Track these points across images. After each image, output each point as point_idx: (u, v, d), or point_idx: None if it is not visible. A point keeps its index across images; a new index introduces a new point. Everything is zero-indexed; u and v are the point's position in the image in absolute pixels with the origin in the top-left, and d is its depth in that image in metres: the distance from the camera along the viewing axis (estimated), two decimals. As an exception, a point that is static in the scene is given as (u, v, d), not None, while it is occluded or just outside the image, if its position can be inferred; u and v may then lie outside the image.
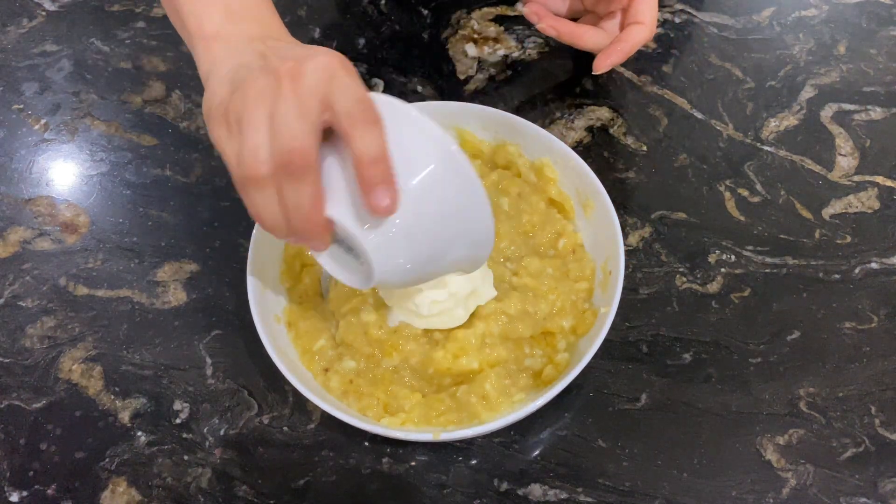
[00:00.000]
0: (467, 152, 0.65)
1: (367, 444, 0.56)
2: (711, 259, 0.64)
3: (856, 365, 0.59)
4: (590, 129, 0.71)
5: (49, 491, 0.55)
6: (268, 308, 0.56)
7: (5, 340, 0.62)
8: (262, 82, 0.41)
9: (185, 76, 0.76)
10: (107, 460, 0.56)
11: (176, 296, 0.63)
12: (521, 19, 0.79)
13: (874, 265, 0.63)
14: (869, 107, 0.72)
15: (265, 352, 0.53)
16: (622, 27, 0.67)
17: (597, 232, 0.60)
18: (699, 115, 0.72)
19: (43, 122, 0.74)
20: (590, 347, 0.52)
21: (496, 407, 0.53)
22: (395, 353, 0.55)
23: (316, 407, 0.56)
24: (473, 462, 0.56)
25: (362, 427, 0.51)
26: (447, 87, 0.75)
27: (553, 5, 0.70)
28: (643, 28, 0.65)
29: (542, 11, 0.68)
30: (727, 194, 0.67)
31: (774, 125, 0.71)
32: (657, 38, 0.77)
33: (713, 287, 0.63)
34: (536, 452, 0.56)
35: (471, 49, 0.77)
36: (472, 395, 0.53)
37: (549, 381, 0.54)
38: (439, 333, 0.56)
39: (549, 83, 0.75)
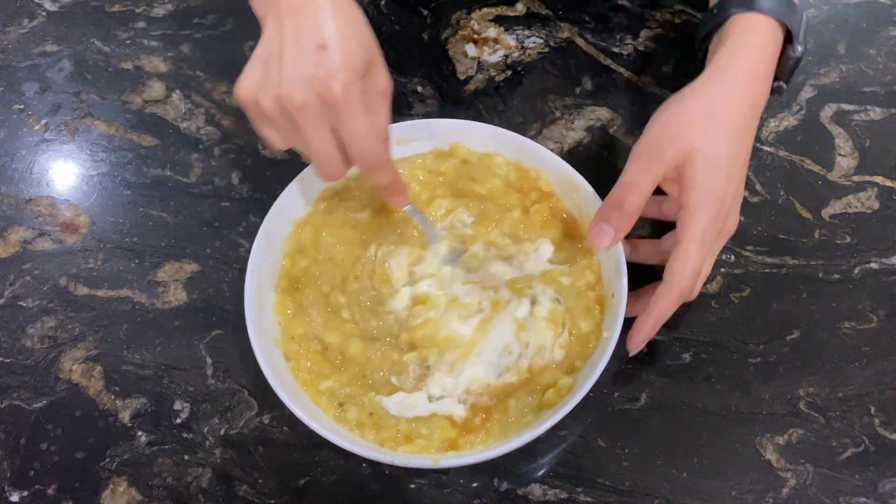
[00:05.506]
0: (468, 157, 0.65)
1: (367, 443, 0.57)
2: (711, 259, 0.64)
3: (855, 365, 0.59)
4: (589, 129, 0.71)
5: (49, 491, 0.55)
6: (267, 335, 0.56)
7: (6, 340, 0.62)
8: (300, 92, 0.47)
9: (185, 76, 0.76)
10: (107, 460, 0.56)
11: (176, 296, 0.63)
12: (521, 19, 0.79)
13: (874, 265, 0.63)
14: (868, 107, 0.72)
15: (265, 352, 0.53)
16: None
17: (599, 253, 0.59)
18: (699, 116, 0.72)
19: (43, 122, 0.74)
20: (593, 372, 0.51)
21: (503, 433, 0.53)
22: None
23: (316, 407, 0.56)
24: (473, 462, 0.56)
25: (358, 452, 0.50)
26: (447, 87, 0.75)
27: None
28: (668, 288, 0.53)
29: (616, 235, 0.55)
30: (727, 194, 0.67)
31: (774, 125, 0.71)
32: (657, 39, 0.77)
33: (713, 287, 0.63)
34: (536, 452, 0.56)
35: (471, 49, 0.77)
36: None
37: (551, 405, 0.53)
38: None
39: (549, 83, 0.75)
